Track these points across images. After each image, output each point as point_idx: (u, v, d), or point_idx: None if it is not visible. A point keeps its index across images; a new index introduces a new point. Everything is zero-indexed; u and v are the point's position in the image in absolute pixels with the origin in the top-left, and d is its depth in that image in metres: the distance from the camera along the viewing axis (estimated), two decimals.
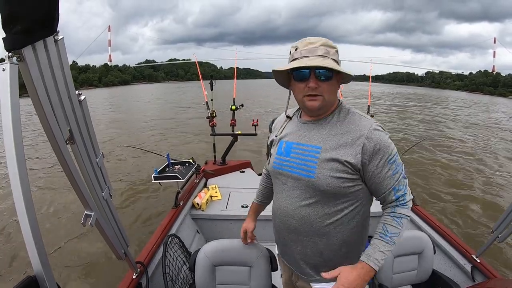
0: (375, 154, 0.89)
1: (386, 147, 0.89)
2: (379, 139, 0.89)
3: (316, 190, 0.93)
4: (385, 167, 0.90)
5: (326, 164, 0.91)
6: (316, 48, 0.90)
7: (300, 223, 0.99)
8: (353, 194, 0.94)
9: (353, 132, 0.91)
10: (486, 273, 1.54)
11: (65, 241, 3.48)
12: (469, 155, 7.95)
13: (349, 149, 0.90)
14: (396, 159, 0.91)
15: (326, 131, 0.95)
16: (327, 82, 0.91)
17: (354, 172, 0.91)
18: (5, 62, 0.60)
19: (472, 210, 4.46)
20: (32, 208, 0.66)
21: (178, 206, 2.19)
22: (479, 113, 20.53)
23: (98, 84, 70.20)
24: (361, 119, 0.93)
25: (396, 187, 0.92)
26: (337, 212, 0.95)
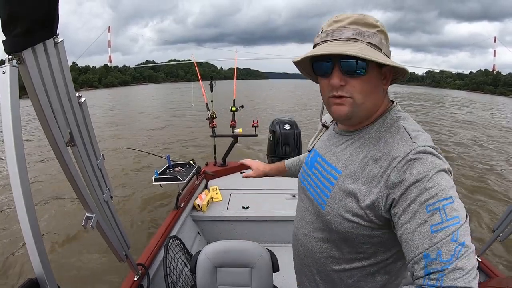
0: (405, 194, 0.56)
1: (429, 182, 0.54)
2: (415, 170, 0.56)
3: (326, 225, 0.72)
4: (419, 215, 0.54)
5: (339, 198, 0.67)
6: (342, 29, 0.63)
7: (306, 254, 0.80)
8: (377, 244, 0.67)
9: (384, 159, 0.62)
10: (488, 272, 1.54)
11: (66, 244, 3.48)
12: (470, 154, 7.94)
13: (374, 185, 0.62)
14: (447, 206, 0.52)
15: (353, 150, 0.69)
16: (359, 78, 0.63)
17: (374, 218, 0.63)
18: (5, 64, 0.60)
19: (472, 209, 4.46)
20: (33, 210, 0.66)
21: (179, 207, 2.19)
22: (481, 112, 20.53)
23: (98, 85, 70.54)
24: (402, 140, 0.62)
25: (430, 253, 0.51)
26: (349, 261, 0.71)
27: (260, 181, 3.10)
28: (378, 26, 0.64)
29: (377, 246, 0.67)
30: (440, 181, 0.55)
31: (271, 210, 2.36)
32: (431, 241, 0.52)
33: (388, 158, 0.61)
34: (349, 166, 0.68)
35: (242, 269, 1.32)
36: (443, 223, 0.52)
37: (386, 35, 0.65)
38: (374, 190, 0.61)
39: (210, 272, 1.31)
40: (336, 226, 0.68)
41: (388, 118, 0.68)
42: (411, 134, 0.62)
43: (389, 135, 0.65)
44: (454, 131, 11.52)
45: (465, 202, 3.59)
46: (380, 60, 0.58)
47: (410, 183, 0.56)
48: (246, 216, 2.32)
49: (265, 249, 1.36)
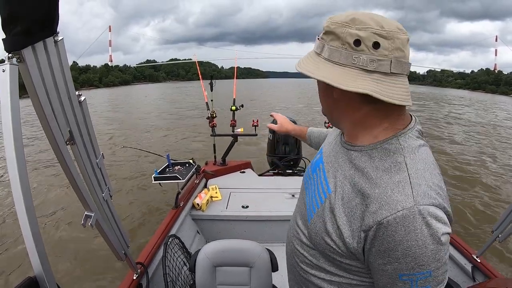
0: (385, 253, 0.54)
1: (407, 256, 0.52)
2: (401, 238, 0.52)
3: (309, 236, 0.70)
4: (392, 279, 0.55)
5: (323, 217, 0.65)
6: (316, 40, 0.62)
7: (292, 254, 0.79)
8: (354, 271, 0.65)
9: (372, 199, 0.56)
10: (487, 273, 1.54)
11: (66, 242, 3.49)
12: (470, 154, 7.95)
13: (354, 221, 0.58)
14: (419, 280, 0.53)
15: (348, 172, 0.64)
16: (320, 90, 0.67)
17: (347, 251, 0.61)
18: (5, 63, 0.60)
19: (472, 209, 4.46)
20: (32, 209, 0.66)
21: (178, 206, 2.19)
22: (483, 111, 20.54)
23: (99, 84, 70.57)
24: (399, 186, 0.54)
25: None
26: (327, 273, 0.69)
27: (260, 181, 3.11)
28: (323, 27, 0.59)
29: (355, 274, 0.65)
30: (422, 255, 0.51)
31: (270, 210, 2.36)
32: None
33: (376, 203, 0.55)
34: (338, 189, 0.64)
35: (241, 268, 1.32)
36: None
37: (332, 34, 0.57)
38: (353, 226, 0.59)
39: (209, 271, 1.31)
40: (315, 243, 0.67)
41: (393, 145, 0.59)
42: (413, 180, 0.55)
43: (387, 171, 0.57)
44: (452, 129, 11.54)
45: (464, 201, 3.59)
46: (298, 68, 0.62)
47: (390, 247, 0.53)
48: (246, 216, 2.32)
49: (264, 248, 1.36)
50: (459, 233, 3.67)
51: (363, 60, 0.54)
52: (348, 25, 0.55)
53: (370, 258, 0.57)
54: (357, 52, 0.54)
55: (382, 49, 0.53)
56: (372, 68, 0.54)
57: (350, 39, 0.54)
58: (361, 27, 0.54)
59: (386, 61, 0.54)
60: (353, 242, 0.58)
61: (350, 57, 0.55)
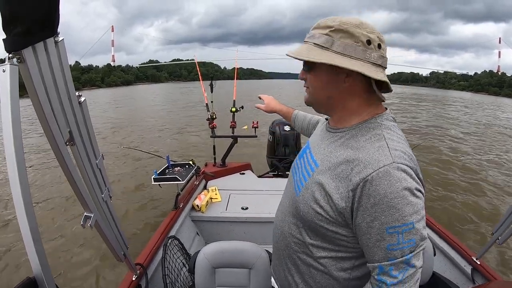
0: (372, 209, 0.61)
1: (392, 208, 0.60)
2: (387, 192, 0.60)
3: (297, 211, 0.77)
4: (380, 234, 0.62)
5: (311, 188, 0.72)
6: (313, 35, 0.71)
7: (280, 237, 0.85)
8: (336, 240, 0.71)
9: (357, 163, 0.65)
10: (486, 275, 1.54)
11: (65, 243, 3.48)
12: (469, 156, 7.95)
13: (342, 185, 0.66)
14: (406, 231, 0.60)
15: (333, 148, 0.74)
16: (310, 74, 0.74)
17: (336, 214, 0.68)
18: (5, 63, 0.60)
19: (472, 212, 4.46)
20: (31, 209, 0.66)
21: (178, 208, 2.19)
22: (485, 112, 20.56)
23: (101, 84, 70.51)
24: (380, 150, 0.64)
25: (383, 267, 0.63)
26: (313, 249, 0.75)
27: (260, 183, 3.10)
28: (332, 26, 0.67)
29: (341, 245, 0.72)
30: (403, 206, 0.60)
31: (270, 211, 2.35)
32: (387, 255, 0.62)
33: (361, 163, 0.64)
34: (325, 162, 0.73)
35: (240, 269, 1.32)
36: (399, 244, 0.61)
37: (346, 33, 0.66)
38: (341, 189, 0.66)
39: (208, 273, 1.31)
40: (304, 214, 0.74)
41: (374, 124, 0.71)
42: (390, 146, 0.65)
43: (369, 141, 0.68)
44: (452, 131, 11.54)
45: (464, 204, 3.59)
46: (302, 57, 0.69)
47: (376, 201, 0.61)
48: (245, 217, 2.32)
49: (263, 250, 1.36)
50: (459, 235, 3.66)
51: (373, 56, 0.66)
52: (359, 27, 0.66)
53: (358, 218, 0.64)
54: (369, 50, 0.66)
55: (382, 50, 0.68)
56: (379, 63, 0.67)
57: (363, 38, 0.66)
58: (369, 31, 0.66)
59: (386, 58, 0.69)
60: (341, 203, 0.66)
61: (364, 53, 0.66)
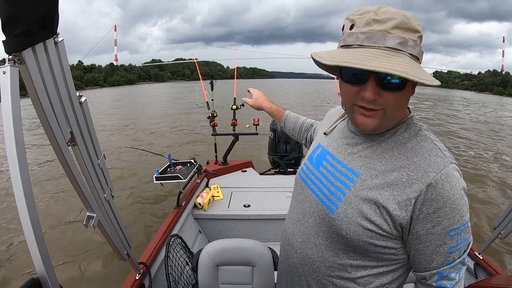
0: (434, 214, 0.58)
1: (455, 210, 0.57)
2: (450, 194, 0.57)
3: (333, 231, 0.67)
4: (441, 238, 0.59)
5: (356, 203, 0.63)
6: (386, 34, 0.54)
7: (302, 262, 0.74)
8: (383, 255, 0.65)
9: (413, 168, 0.60)
10: (489, 270, 1.53)
11: (68, 243, 3.49)
12: (472, 151, 7.92)
13: (399, 193, 0.60)
14: (463, 231, 0.59)
15: (375, 154, 0.65)
16: (394, 93, 0.57)
17: (392, 228, 0.61)
18: (6, 65, 0.60)
19: (474, 206, 4.45)
20: (34, 210, 0.66)
21: (180, 206, 2.20)
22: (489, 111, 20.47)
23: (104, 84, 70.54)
24: (433, 152, 0.60)
25: (443, 272, 0.61)
26: (352, 269, 0.68)
27: (261, 180, 3.10)
28: (419, 31, 0.56)
29: (385, 260, 0.66)
30: (462, 206, 0.58)
31: (272, 209, 2.36)
32: (446, 259, 0.60)
33: (420, 168, 0.59)
34: (369, 170, 0.64)
35: (243, 267, 1.33)
36: (458, 245, 0.60)
37: (421, 40, 0.58)
38: (398, 198, 0.60)
39: (211, 271, 1.31)
40: (348, 232, 0.64)
41: (411, 125, 0.65)
42: (439, 146, 0.62)
43: (417, 143, 0.63)
44: (455, 127, 11.50)
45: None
46: (428, 82, 0.51)
47: (440, 205, 0.57)
48: (247, 215, 2.32)
49: (266, 247, 1.36)
50: None
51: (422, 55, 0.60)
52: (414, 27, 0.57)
53: (417, 226, 0.60)
54: None
55: None
56: None
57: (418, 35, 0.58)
58: None
59: None
60: (400, 213, 0.60)
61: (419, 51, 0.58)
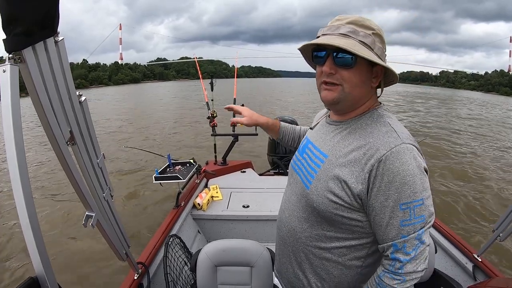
0: (386, 188, 0.66)
1: (405, 185, 0.64)
2: (400, 169, 0.65)
3: (308, 204, 0.78)
4: (393, 211, 0.66)
5: (324, 179, 0.74)
6: (340, 26, 0.70)
7: (288, 234, 0.85)
8: (351, 227, 0.74)
9: (368, 147, 0.69)
10: (488, 272, 1.53)
11: (67, 242, 3.49)
12: (472, 154, 7.93)
13: (356, 169, 0.69)
14: (417, 207, 0.65)
15: (340, 138, 0.77)
16: (348, 70, 0.70)
17: (352, 199, 0.71)
18: (6, 63, 0.60)
19: (473, 209, 4.46)
20: (33, 209, 0.66)
21: (179, 206, 2.20)
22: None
23: (108, 82, 70.40)
24: (388, 134, 0.70)
25: (397, 244, 0.67)
26: (326, 240, 0.77)
27: (261, 181, 3.10)
28: (374, 29, 0.71)
29: (355, 232, 0.74)
30: (414, 182, 0.65)
31: (271, 209, 2.36)
32: (400, 232, 0.67)
33: (373, 147, 0.69)
34: (335, 151, 0.75)
35: (242, 268, 1.32)
36: (411, 219, 0.66)
37: (381, 39, 0.72)
38: (355, 173, 0.69)
39: (210, 271, 1.31)
40: (318, 205, 0.75)
41: (375, 114, 0.76)
42: (396, 129, 0.71)
43: (375, 127, 0.73)
44: (455, 128, 11.51)
45: (466, 200, 3.58)
46: (364, 55, 0.66)
47: (390, 179, 0.65)
48: (246, 215, 2.32)
49: (265, 248, 1.36)
50: (460, 232, 3.66)
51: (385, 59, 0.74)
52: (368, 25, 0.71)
53: (371, 199, 0.68)
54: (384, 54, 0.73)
55: None
56: None
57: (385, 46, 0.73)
58: None
59: None
60: (358, 186, 0.69)
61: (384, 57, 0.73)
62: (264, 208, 2.39)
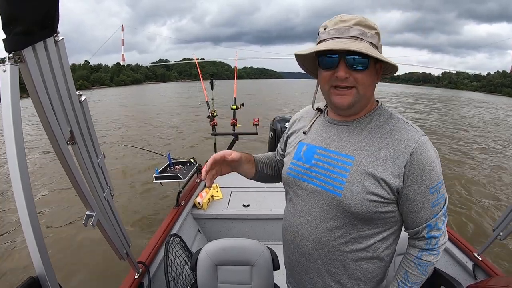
0: (418, 177, 0.71)
1: (432, 171, 0.72)
2: (427, 158, 0.71)
3: (342, 211, 0.75)
4: (426, 196, 0.73)
5: (358, 180, 0.73)
6: (349, 28, 0.70)
7: (316, 247, 0.81)
8: (386, 219, 0.77)
9: (397, 143, 0.73)
10: (488, 271, 1.54)
11: (67, 242, 3.49)
12: (473, 154, 7.93)
13: (390, 165, 0.72)
14: (440, 188, 0.74)
15: (362, 138, 0.77)
16: (362, 72, 0.71)
17: (391, 194, 0.73)
18: (6, 63, 0.60)
19: (473, 208, 4.46)
20: (33, 208, 0.67)
21: (180, 205, 2.20)
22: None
23: (110, 83, 70.45)
24: (408, 128, 0.74)
25: (431, 224, 0.75)
26: (363, 240, 0.78)
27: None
28: (376, 28, 0.73)
29: (387, 223, 0.78)
30: (437, 167, 0.73)
31: (271, 208, 2.36)
32: (432, 213, 0.75)
33: (402, 142, 0.72)
34: (361, 152, 0.75)
35: (242, 267, 1.32)
36: (438, 200, 0.74)
37: (379, 37, 0.74)
38: (391, 169, 0.72)
39: (210, 270, 1.31)
40: (357, 208, 0.73)
41: (384, 111, 0.79)
42: (411, 124, 0.76)
43: (393, 125, 0.76)
44: (455, 128, 11.51)
45: (466, 200, 3.58)
46: (383, 58, 0.69)
47: (420, 168, 0.71)
48: (247, 214, 2.32)
49: (265, 247, 1.36)
50: (461, 231, 3.67)
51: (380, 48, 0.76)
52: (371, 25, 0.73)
53: (406, 189, 0.73)
54: None
55: None
56: None
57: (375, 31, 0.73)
58: None
59: None
60: (396, 181, 0.72)
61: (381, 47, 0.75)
62: (264, 207, 2.39)
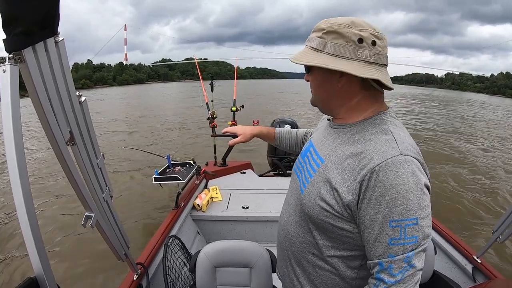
0: (376, 201, 0.60)
1: (396, 200, 0.58)
2: (393, 183, 0.59)
3: (301, 209, 0.76)
4: (382, 227, 0.60)
5: (318, 184, 0.71)
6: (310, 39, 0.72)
7: (285, 237, 0.84)
8: (342, 237, 0.70)
9: (364, 156, 0.64)
10: (487, 274, 1.53)
11: (66, 242, 3.48)
12: (471, 156, 7.93)
13: (349, 178, 0.65)
14: (408, 227, 0.58)
15: (338, 143, 0.73)
16: (309, 76, 0.77)
17: (341, 208, 0.66)
18: (6, 63, 0.60)
19: (472, 210, 4.46)
20: (32, 209, 0.66)
21: (179, 207, 2.19)
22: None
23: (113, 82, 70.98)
24: (387, 143, 0.64)
25: (383, 264, 0.61)
26: (319, 248, 0.74)
27: (260, 182, 3.10)
28: (324, 28, 0.68)
29: (346, 243, 0.71)
30: (409, 199, 0.58)
31: (271, 210, 2.36)
32: (387, 251, 0.60)
33: (368, 156, 0.64)
34: (331, 157, 0.72)
35: (241, 269, 1.32)
36: (401, 239, 0.59)
37: (336, 34, 0.67)
38: (348, 182, 0.65)
39: (209, 272, 1.31)
40: (309, 210, 0.72)
41: (378, 119, 0.71)
42: (397, 139, 0.65)
43: (375, 135, 0.68)
44: (456, 129, 11.53)
45: (465, 202, 3.58)
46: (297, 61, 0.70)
47: (381, 192, 0.60)
48: (246, 216, 2.32)
49: (264, 249, 1.36)
50: (460, 234, 3.66)
51: (366, 54, 0.66)
52: (350, 26, 0.66)
53: (361, 211, 0.63)
54: (360, 48, 0.65)
55: (377, 46, 0.66)
56: (373, 60, 0.66)
57: (354, 37, 0.65)
58: (361, 29, 0.66)
59: (382, 55, 0.67)
60: (348, 196, 0.64)
61: (355, 52, 0.66)
62: (263, 209, 2.39)
